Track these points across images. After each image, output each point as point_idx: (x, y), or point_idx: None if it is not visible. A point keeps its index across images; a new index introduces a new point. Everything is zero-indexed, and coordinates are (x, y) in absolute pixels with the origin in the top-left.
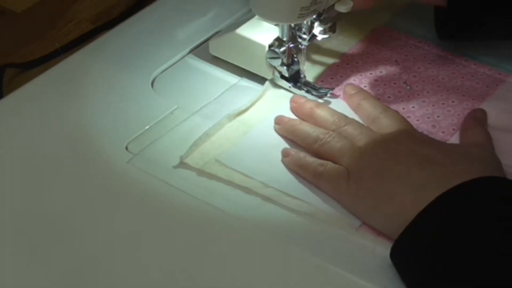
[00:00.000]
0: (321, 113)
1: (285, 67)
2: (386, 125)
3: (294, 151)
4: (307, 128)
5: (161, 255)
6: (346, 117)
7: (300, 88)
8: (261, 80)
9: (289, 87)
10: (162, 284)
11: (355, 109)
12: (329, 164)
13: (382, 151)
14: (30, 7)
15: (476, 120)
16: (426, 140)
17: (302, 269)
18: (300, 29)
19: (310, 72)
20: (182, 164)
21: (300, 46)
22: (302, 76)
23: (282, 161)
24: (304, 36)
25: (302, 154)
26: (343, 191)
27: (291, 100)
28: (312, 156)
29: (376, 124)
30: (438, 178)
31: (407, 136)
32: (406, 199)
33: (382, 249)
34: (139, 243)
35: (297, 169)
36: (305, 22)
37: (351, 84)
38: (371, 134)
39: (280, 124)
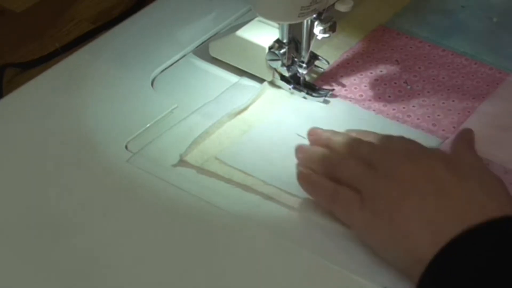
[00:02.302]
0: (337, 139)
1: (285, 68)
2: (396, 145)
3: (310, 173)
4: (323, 152)
5: (161, 254)
6: (361, 139)
7: (300, 90)
8: (261, 79)
9: (289, 88)
10: (162, 282)
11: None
12: (343, 189)
13: (397, 173)
14: (30, 7)
15: (467, 142)
16: (440, 157)
17: (301, 267)
18: (299, 55)
19: (310, 72)
20: (181, 163)
21: (298, 74)
22: (302, 77)
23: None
24: (304, 65)
25: (317, 177)
26: (355, 218)
27: (308, 133)
28: (327, 179)
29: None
30: (455, 214)
31: (421, 154)
32: (422, 237)
33: None
34: (139, 242)
35: (311, 192)
36: (305, 22)
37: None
38: (386, 154)
39: (301, 152)
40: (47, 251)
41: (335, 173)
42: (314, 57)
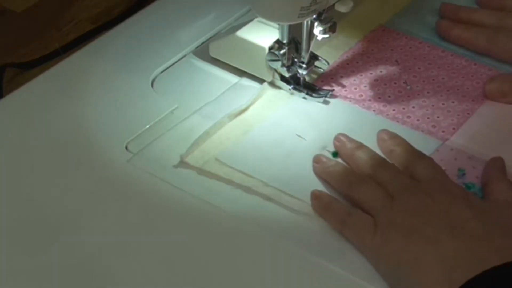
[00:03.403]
0: (361, 155)
1: (285, 69)
2: (421, 174)
3: (324, 193)
4: (342, 170)
5: (161, 254)
6: (386, 162)
7: (300, 90)
8: (261, 80)
9: (289, 89)
10: (162, 283)
11: (388, 155)
12: (357, 211)
13: (414, 206)
14: (30, 7)
15: (500, 172)
16: (460, 195)
17: (301, 268)
18: (299, 56)
19: (310, 72)
20: (182, 163)
21: (297, 74)
22: (302, 78)
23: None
24: (303, 65)
25: (329, 198)
26: (366, 243)
27: (335, 139)
28: (340, 201)
29: (410, 172)
30: (470, 253)
31: (442, 190)
32: (434, 272)
33: None
34: (139, 243)
35: (323, 213)
36: (304, 23)
37: (385, 130)
38: (406, 184)
39: (318, 163)
40: (47, 251)
41: (352, 193)
42: (314, 57)
